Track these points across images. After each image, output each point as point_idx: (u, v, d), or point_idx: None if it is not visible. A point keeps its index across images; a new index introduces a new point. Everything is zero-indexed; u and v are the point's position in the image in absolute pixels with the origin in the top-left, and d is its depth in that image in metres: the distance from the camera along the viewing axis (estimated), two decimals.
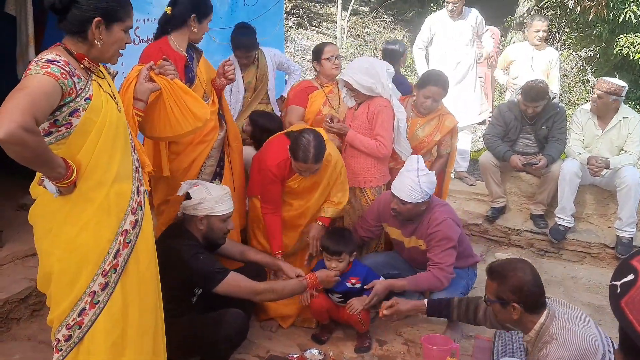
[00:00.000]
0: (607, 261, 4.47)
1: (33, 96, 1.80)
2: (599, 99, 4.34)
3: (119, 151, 2.12)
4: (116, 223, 2.11)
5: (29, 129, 1.76)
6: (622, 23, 7.96)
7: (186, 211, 2.90)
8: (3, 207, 4.08)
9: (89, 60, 2.04)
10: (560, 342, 2.18)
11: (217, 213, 2.89)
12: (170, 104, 2.62)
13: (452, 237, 3.17)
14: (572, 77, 8.68)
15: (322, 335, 3.34)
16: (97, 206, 2.06)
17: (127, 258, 2.15)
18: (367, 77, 3.40)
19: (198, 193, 2.87)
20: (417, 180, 3.08)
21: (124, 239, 2.14)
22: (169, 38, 3.03)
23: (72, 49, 2.02)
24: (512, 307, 2.32)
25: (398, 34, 11.34)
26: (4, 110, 1.75)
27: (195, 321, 2.83)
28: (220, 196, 2.90)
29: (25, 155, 1.81)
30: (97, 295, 2.09)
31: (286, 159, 3.21)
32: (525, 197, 4.87)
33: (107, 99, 2.09)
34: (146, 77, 2.53)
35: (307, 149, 3.07)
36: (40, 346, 3.06)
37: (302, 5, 11.54)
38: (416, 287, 3.24)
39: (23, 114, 1.75)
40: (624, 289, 1.14)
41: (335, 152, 3.41)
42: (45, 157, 1.87)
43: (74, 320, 2.09)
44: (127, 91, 2.49)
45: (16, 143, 1.75)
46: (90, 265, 2.07)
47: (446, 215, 3.20)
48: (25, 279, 3.33)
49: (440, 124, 3.84)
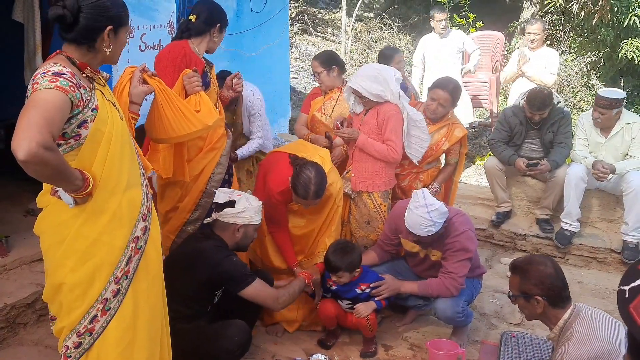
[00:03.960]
0: (613, 266, 4.45)
1: (47, 112, 1.77)
2: (602, 116, 4.33)
3: (127, 159, 2.12)
4: (128, 230, 2.11)
5: (48, 147, 1.73)
6: (626, 27, 7.96)
7: (223, 218, 2.95)
8: (10, 213, 4.09)
9: (91, 70, 2.03)
10: (580, 340, 2.18)
11: (254, 222, 3.01)
12: (163, 107, 2.63)
13: (470, 248, 3.15)
14: (577, 82, 8.66)
15: (328, 340, 3.34)
16: (111, 216, 2.05)
17: (138, 264, 2.16)
18: (376, 85, 3.40)
19: (241, 202, 2.95)
20: (429, 217, 3.03)
21: (135, 245, 2.14)
22: (189, 42, 3.05)
23: (75, 57, 1.99)
24: (535, 300, 2.33)
25: (402, 40, 11.35)
26: (20, 130, 1.72)
27: (200, 332, 2.85)
28: (258, 206, 3.03)
29: (45, 173, 1.79)
30: (109, 302, 2.08)
31: (289, 188, 3.25)
32: (531, 202, 4.86)
33: (111, 107, 2.09)
34: (140, 80, 2.53)
35: (308, 186, 3.13)
36: (47, 351, 3.07)
37: (307, 12, 11.57)
38: (426, 292, 3.23)
39: (41, 132, 1.72)
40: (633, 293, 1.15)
41: (337, 182, 3.45)
42: (65, 172, 1.85)
43: (84, 327, 2.08)
44: (122, 94, 2.48)
45: (37, 162, 1.72)
46: (104, 274, 2.06)
47: (466, 226, 3.17)
48: (32, 284, 3.34)
49: (450, 133, 3.84)
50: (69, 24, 1.96)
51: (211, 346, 2.80)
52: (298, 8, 11.35)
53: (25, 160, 1.70)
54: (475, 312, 3.66)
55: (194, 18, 3.04)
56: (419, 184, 3.84)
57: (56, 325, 2.17)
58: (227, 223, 2.96)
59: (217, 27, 3.08)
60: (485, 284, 3.83)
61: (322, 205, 3.38)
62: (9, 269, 3.48)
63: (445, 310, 3.17)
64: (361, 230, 3.60)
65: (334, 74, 3.93)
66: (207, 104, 2.82)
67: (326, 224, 3.48)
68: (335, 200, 3.45)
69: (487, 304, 3.86)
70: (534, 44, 5.79)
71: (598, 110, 4.34)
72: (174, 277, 2.71)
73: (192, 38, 3.06)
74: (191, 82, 2.82)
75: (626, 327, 1.33)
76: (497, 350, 3.17)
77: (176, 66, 2.91)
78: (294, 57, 9.79)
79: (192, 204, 3.15)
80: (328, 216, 3.47)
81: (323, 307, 3.26)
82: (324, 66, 3.92)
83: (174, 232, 3.17)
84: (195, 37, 3.06)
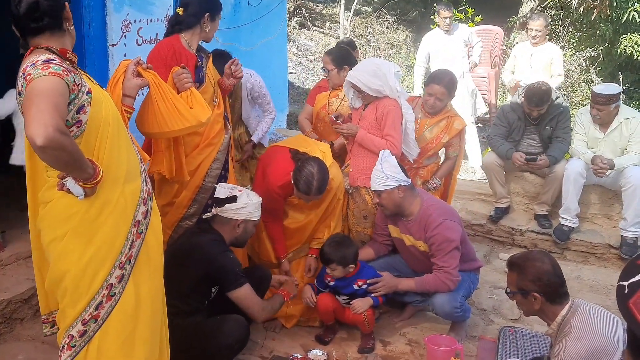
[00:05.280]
0: (611, 261, 4.45)
1: (51, 98, 1.76)
2: (601, 112, 4.32)
3: (124, 144, 2.12)
4: (131, 215, 2.11)
5: (63, 131, 1.73)
6: (625, 22, 7.94)
7: (224, 214, 2.94)
8: (7, 208, 4.09)
9: (72, 54, 2.02)
10: (578, 335, 2.18)
11: (254, 218, 3.02)
12: (157, 100, 2.62)
13: (452, 237, 3.13)
14: (575, 77, 8.65)
15: (325, 336, 3.33)
16: (115, 203, 2.05)
17: (139, 249, 2.15)
18: (375, 79, 3.39)
19: (242, 198, 2.94)
20: (380, 167, 3.16)
21: (136, 229, 2.14)
22: (180, 37, 3.02)
23: (53, 45, 1.97)
24: (532, 296, 2.33)
25: (401, 34, 11.33)
26: (32, 118, 1.71)
27: (198, 327, 2.84)
28: (259, 202, 3.03)
29: (63, 158, 1.77)
30: (114, 287, 2.08)
31: (290, 182, 3.24)
32: (529, 198, 4.86)
33: (101, 90, 2.08)
34: (134, 73, 2.51)
35: (310, 181, 3.12)
36: (44, 346, 3.06)
37: (304, 6, 11.54)
38: (423, 288, 3.23)
39: (53, 117, 1.71)
40: (632, 289, 1.14)
41: (338, 177, 3.44)
42: (80, 158, 1.84)
43: (90, 314, 2.07)
44: (116, 87, 2.47)
45: (55, 147, 1.71)
46: (109, 259, 2.06)
47: (443, 217, 3.16)
48: (29, 279, 3.33)
49: (449, 126, 3.83)
50: (42, 11, 1.94)
51: (210, 341, 2.80)
52: (296, 2, 11.32)
53: (44, 145, 1.69)
54: (474, 307, 3.65)
55: (181, 11, 3.00)
56: (418, 180, 3.83)
57: (59, 314, 2.15)
58: (228, 218, 2.95)
59: (206, 17, 3.02)
60: (483, 279, 3.83)
61: (322, 199, 3.37)
62: (5, 264, 3.48)
63: (443, 305, 3.17)
64: (359, 226, 3.60)
65: (344, 74, 3.79)
66: (199, 101, 2.80)
67: (325, 216, 3.47)
68: (336, 194, 3.45)
69: (485, 299, 3.85)
70: (535, 39, 5.75)
71: (596, 107, 4.33)
72: (171, 272, 2.70)
73: (183, 32, 3.02)
74: (181, 79, 2.79)
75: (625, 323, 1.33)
76: (495, 345, 3.17)
77: (167, 65, 2.88)
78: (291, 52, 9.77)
79: (189, 200, 3.14)
80: (327, 209, 3.45)
81: (321, 301, 3.25)
82: (335, 64, 3.88)
83: (170, 227, 3.15)
84: (186, 31, 3.02)
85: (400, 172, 3.17)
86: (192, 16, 3.00)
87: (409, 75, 9.78)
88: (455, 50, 6.17)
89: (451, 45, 6.19)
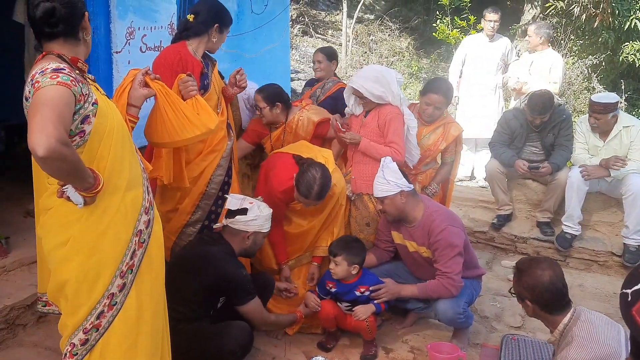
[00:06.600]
0: (614, 269, 4.44)
1: (57, 108, 1.77)
2: (599, 121, 4.33)
3: (127, 153, 2.12)
4: (132, 224, 2.12)
5: (65, 142, 1.74)
6: (627, 30, 7.94)
7: (234, 225, 2.94)
8: (10, 214, 4.09)
9: (83, 63, 2.03)
10: (580, 344, 2.17)
11: (264, 230, 3.02)
12: (166, 110, 2.62)
13: (455, 243, 3.14)
14: (577, 85, 8.66)
15: (328, 343, 3.33)
16: (115, 211, 2.06)
17: (142, 258, 2.16)
18: (378, 86, 3.40)
19: (253, 210, 2.94)
20: (382, 174, 3.20)
21: (138, 239, 2.14)
22: (187, 43, 3.03)
23: (65, 53, 1.99)
24: (525, 303, 2.37)
25: (403, 42, 11.36)
26: (36, 128, 1.72)
27: (202, 332, 2.84)
28: (269, 214, 3.03)
29: (64, 168, 1.79)
30: (115, 297, 2.08)
31: (292, 187, 3.24)
32: (532, 205, 4.86)
33: (108, 101, 2.09)
34: (141, 83, 2.51)
35: (311, 185, 3.13)
36: (47, 352, 3.05)
37: (307, 13, 11.59)
38: (426, 295, 3.23)
39: (57, 128, 1.72)
40: (635, 296, 1.14)
41: (340, 182, 3.45)
42: (81, 168, 1.85)
43: (91, 324, 2.07)
44: (122, 96, 2.47)
45: (57, 158, 1.72)
46: (110, 268, 2.07)
47: (446, 222, 3.18)
48: (32, 285, 3.32)
49: (446, 132, 3.83)
50: (58, 17, 1.95)
51: (213, 347, 2.79)
52: (299, 10, 11.36)
53: (45, 156, 1.70)
54: (476, 315, 3.65)
55: (191, 18, 3.02)
56: (417, 186, 3.83)
57: (61, 322, 2.16)
58: (238, 230, 2.95)
59: (215, 28, 3.05)
60: (485, 286, 3.83)
61: (324, 205, 3.38)
62: (8, 270, 3.47)
63: (446, 311, 3.16)
64: (361, 233, 3.59)
65: (277, 111, 3.66)
66: (205, 108, 2.80)
67: (327, 222, 3.47)
68: (339, 199, 3.45)
69: (488, 307, 3.85)
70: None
71: (593, 116, 4.34)
72: (178, 279, 2.71)
73: (191, 39, 3.03)
74: (186, 86, 2.79)
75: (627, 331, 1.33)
76: (497, 353, 3.16)
77: (173, 72, 2.89)
78: (294, 59, 9.80)
79: (192, 206, 3.14)
80: (330, 215, 3.46)
81: (322, 308, 3.25)
82: (267, 102, 3.65)
83: (174, 233, 3.16)
84: (194, 38, 3.03)
85: (402, 177, 3.19)
86: (202, 24, 3.02)
87: (411, 83, 9.80)
88: (493, 60, 6.01)
89: (490, 53, 6.03)
